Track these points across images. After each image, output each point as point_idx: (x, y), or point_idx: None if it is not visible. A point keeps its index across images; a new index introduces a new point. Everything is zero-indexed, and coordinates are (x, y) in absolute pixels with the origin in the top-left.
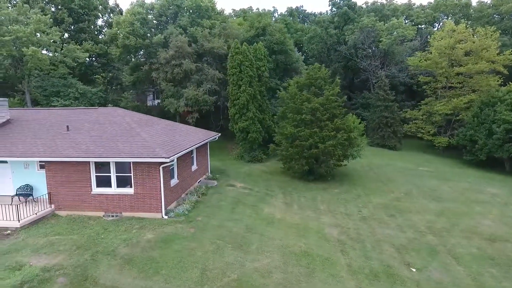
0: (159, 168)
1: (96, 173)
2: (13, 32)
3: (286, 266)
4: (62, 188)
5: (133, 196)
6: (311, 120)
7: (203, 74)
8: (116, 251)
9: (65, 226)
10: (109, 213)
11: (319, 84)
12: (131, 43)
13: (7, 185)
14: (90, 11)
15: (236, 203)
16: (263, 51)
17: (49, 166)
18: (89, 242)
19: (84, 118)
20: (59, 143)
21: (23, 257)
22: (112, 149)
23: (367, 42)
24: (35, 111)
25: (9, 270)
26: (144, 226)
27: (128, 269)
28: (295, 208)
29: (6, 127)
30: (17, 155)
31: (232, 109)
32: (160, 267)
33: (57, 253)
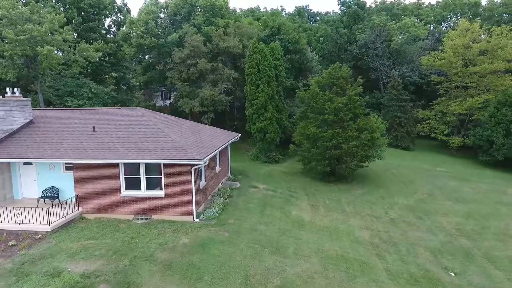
0: (190, 170)
1: (125, 175)
2: (28, 31)
3: (326, 271)
4: (90, 191)
5: (163, 199)
6: (334, 120)
7: (218, 73)
8: (154, 256)
9: (96, 230)
10: (138, 216)
11: (341, 83)
12: (146, 42)
13: (32, 187)
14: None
15: (264, 206)
16: (279, 50)
17: (77, 168)
18: (124, 246)
19: (108, 119)
20: (86, 144)
21: (60, 262)
22: (142, 150)
23: (378, 42)
24: (57, 111)
25: (48, 276)
26: (177, 230)
27: (170, 275)
28: (322, 210)
29: (29, 128)
30: (45, 157)
31: (249, 109)
32: (202, 273)
33: (94, 259)
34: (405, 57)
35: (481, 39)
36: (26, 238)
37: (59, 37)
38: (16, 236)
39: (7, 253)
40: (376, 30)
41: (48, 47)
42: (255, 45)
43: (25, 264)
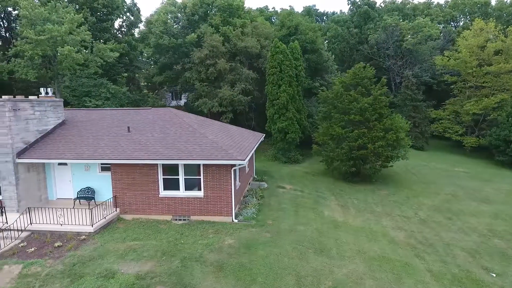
0: (230, 170)
1: (163, 176)
2: (48, 31)
3: (373, 272)
4: (128, 191)
5: (202, 199)
6: (359, 121)
7: (237, 74)
8: (204, 257)
9: (137, 230)
10: (176, 216)
11: (365, 83)
12: (165, 42)
13: (66, 188)
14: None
15: (296, 206)
16: (299, 50)
17: (116, 169)
18: (171, 247)
19: (140, 119)
20: (124, 144)
21: (111, 264)
22: (182, 150)
23: (390, 41)
24: (86, 111)
25: (102, 278)
26: (218, 231)
27: (223, 276)
28: (352, 211)
29: (62, 128)
30: (83, 157)
31: (270, 109)
32: (254, 274)
33: (145, 260)
34: (417, 57)
35: (496, 39)
36: (70, 239)
37: (78, 37)
38: (59, 237)
39: (55, 254)
40: (388, 30)
41: (69, 47)
42: (276, 45)
43: (76, 265)
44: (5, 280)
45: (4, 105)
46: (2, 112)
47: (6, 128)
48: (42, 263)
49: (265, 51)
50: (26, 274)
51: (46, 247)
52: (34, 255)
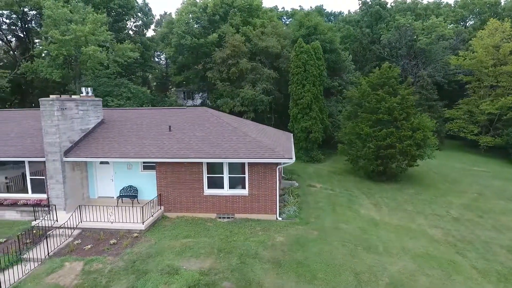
0: (275, 169)
1: (207, 174)
2: (72, 31)
3: (422, 269)
4: (172, 190)
5: (247, 197)
6: (387, 120)
7: (257, 73)
8: (260, 254)
9: (186, 228)
10: (220, 214)
11: (392, 83)
12: (187, 42)
13: (108, 186)
14: (128, 11)
15: (333, 204)
16: (320, 50)
17: (160, 167)
18: (225, 244)
19: (177, 118)
20: (167, 143)
21: (171, 260)
22: (227, 149)
23: (403, 41)
24: (122, 111)
25: (167, 274)
26: (266, 228)
27: (284, 273)
28: (385, 209)
29: (102, 127)
30: (130, 156)
31: (294, 109)
32: (313, 270)
33: (203, 257)
34: (430, 56)
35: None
36: (123, 236)
37: (101, 37)
38: (112, 235)
39: (113, 251)
40: (401, 30)
41: (93, 47)
42: (301, 45)
43: (137, 262)
44: (70, 277)
45: (53, 104)
46: (51, 111)
47: (54, 127)
48: (102, 260)
49: (285, 51)
50: (89, 270)
51: (101, 245)
52: (92, 252)
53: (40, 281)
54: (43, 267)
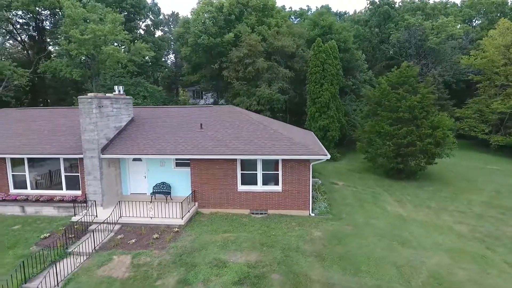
0: (309, 165)
1: (241, 171)
2: (91, 30)
3: (458, 263)
4: (206, 186)
5: (280, 194)
6: (408, 118)
7: (273, 72)
8: (301, 248)
9: (223, 223)
10: (254, 210)
11: (411, 82)
12: (204, 41)
13: (140, 183)
14: (140, 10)
15: (359, 201)
16: (336, 49)
17: (195, 164)
18: (265, 239)
19: (206, 116)
20: (201, 140)
21: (216, 254)
22: (261, 146)
23: (412, 41)
24: (149, 109)
25: (216, 266)
26: (301, 223)
27: (328, 266)
28: (409, 206)
29: (133, 125)
30: (167, 153)
31: (312, 108)
32: (355, 263)
33: (247, 250)
34: (439, 56)
35: None
36: (164, 231)
37: (119, 36)
38: (152, 230)
39: (158, 245)
40: (411, 30)
41: (114, 46)
42: (319, 44)
43: (183, 256)
44: (121, 270)
45: (91, 102)
46: (89, 109)
47: (93, 125)
48: (149, 253)
49: (300, 51)
50: (138, 264)
51: (145, 239)
52: (136, 246)
53: (93, 274)
54: (92, 261)
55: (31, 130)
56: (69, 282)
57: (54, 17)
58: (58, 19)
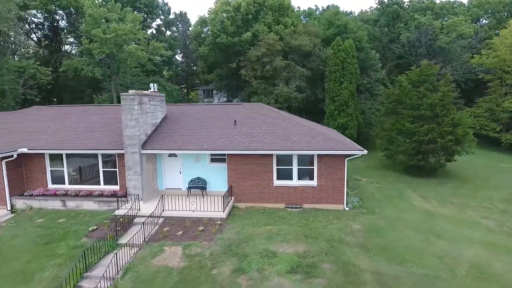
0: (344, 161)
1: (277, 166)
2: (113, 29)
3: (494, 255)
4: (242, 181)
5: (315, 188)
6: (429, 116)
7: (290, 71)
8: (344, 240)
9: (262, 216)
10: (289, 205)
11: (432, 80)
12: (222, 41)
13: (175, 178)
14: (153, 9)
15: (386, 196)
16: (354, 48)
17: (231, 159)
18: (307, 231)
19: (237, 113)
20: (237, 137)
21: (264, 245)
22: (297, 142)
23: (423, 40)
24: (179, 107)
25: (266, 257)
26: (338, 217)
27: (373, 256)
28: (434, 201)
29: (167, 122)
30: (204, 148)
31: (331, 106)
32: (399, 254)
33: (293, 242)
34: (449, 55)
35: None
36: (207, 224)
37: (139, 35)
38: (195, 223)
39: (205, 237)
40: (422, 29)
41: (135, 45)
42: (339, 43)
43: (232, 246)
44: (176, 259)
45: (133, 99)
46: (131, 106)
47: (134, 121)
48: (198, 245)
49: (316, 50)
50: (190, 254)
51: (191, 231)
52: (184, 238)
53: (149, 263)
54: (144, 251)
55: (66, 127)
56: (127, 271)
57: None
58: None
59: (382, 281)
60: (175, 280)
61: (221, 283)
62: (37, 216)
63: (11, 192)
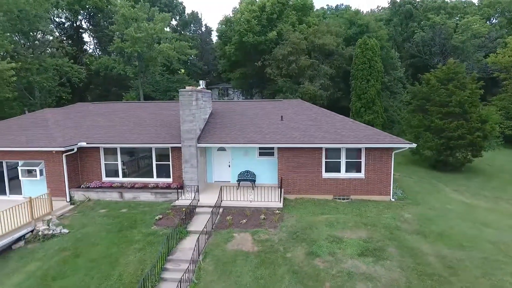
0: (391, 154)
1: (325, 159)
2: (144, 29)
3: None
4: (292, 173)
5: (363, 180)
6: (458, 113)
7: (314, 69)
8: (401, 227)
9: (314, 207)
10: (337, 196)
11: (459, 78)
12: (249, 40)
13: (224, 171)
14: (172, 9)
15: (424, 189)
16: (378, 47)
17: (282, 153)
18: (364, 219)
19: (280, 109)
20: (286, 131)
21: (328, 231)
22: (346, 136)
23: (437, 40)
24: (222, 103)
25: (334, 242)
26: (388, 207)
27: (432, 242)
28: (467, 194)
29: (214, 117)
30: (258, 142)
31: (357, 103)
32: (456, 240)
33: (354, 229)
34: (463, 54)
35: None
36: (266, 213)
37: (168, 35)
38: (254, 212)
39: (269, 225)
40: (436, 28)
41: (166, 44)
42: (366, 42)
43: (297, 233)
44: (248, 245)
45: (192, 95)
46: (189, 101)
47: (192, 116)
48: (265, 231)
49: (339, 49)
50: (260, 240)
51: (253, 219)
52: (249, 225)
53: (224, 248)
54: (215, 238)
55: (117, 122)
56: (206, 255)
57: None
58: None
59: (447, 264)
60: (255, 262)
61: (299, 265)
62: (99, 207)
63: (69, 184)
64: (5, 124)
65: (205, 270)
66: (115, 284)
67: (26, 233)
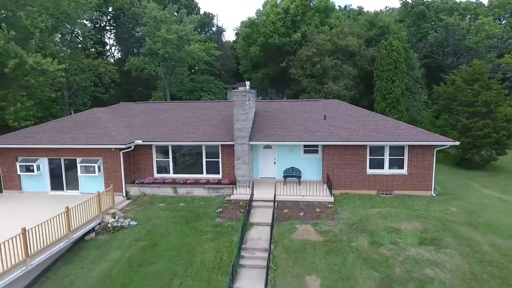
0: (433, 151)
1: (369, 156)
2: (175, 30)
3: None
4: (337, 170)
5: (406, 176)
6: (484, 112)
7: (338, 70)
8: (450, 219)
9: (361, 201)
10: (380, 191)
11: (485, 78)
12: (275, 41)
13: (269, 168)
14: (191, 10)
15: (457, 185)
16: (401, 48)
17: (328, 150)
18: (414, 212)
19: (320, 109)
20: (331, 129)
21: (384, 223)
22: (390, 134)
23: (450, 40)
24: (261, 103)
25: (392, 232)
26: (432, 201)
27: (483, 232)
28: (497, 190)
29: (258, 116)
30: (306, 140)
31: (382, 103)
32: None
33: (408, 221)
34: (476, 55)
35: None
36: (319, 207)
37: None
38: (307, 206)
39: (327, 217)
40: (449, 29)
41: (197, 45)
42: (391, 43)
43: (355, 225)
44: (312, 235)
45: (245, 95)
46: (243, 101)
47: (245, 115)
48: (324, 223)
49: (362, 50)
50: (322, 231)
51: (309, 213)
52: (308, 218)
53: (290, 238)
54: (279, 229)
55: (165, 122)
56: (277, 244)
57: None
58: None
59: (502, 252)
60: (324, 250)
61: (366, 253)
62: (156, 202)
63: (125, 180)
64: (59, 123)
65: (279, 258)
66: (200, 269)
67: (95, 225)
